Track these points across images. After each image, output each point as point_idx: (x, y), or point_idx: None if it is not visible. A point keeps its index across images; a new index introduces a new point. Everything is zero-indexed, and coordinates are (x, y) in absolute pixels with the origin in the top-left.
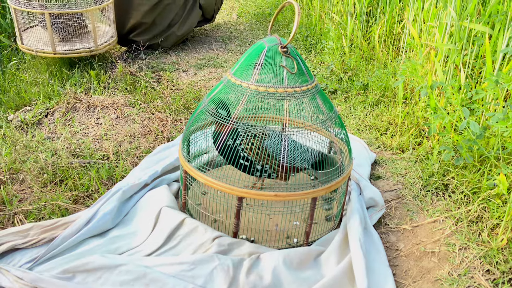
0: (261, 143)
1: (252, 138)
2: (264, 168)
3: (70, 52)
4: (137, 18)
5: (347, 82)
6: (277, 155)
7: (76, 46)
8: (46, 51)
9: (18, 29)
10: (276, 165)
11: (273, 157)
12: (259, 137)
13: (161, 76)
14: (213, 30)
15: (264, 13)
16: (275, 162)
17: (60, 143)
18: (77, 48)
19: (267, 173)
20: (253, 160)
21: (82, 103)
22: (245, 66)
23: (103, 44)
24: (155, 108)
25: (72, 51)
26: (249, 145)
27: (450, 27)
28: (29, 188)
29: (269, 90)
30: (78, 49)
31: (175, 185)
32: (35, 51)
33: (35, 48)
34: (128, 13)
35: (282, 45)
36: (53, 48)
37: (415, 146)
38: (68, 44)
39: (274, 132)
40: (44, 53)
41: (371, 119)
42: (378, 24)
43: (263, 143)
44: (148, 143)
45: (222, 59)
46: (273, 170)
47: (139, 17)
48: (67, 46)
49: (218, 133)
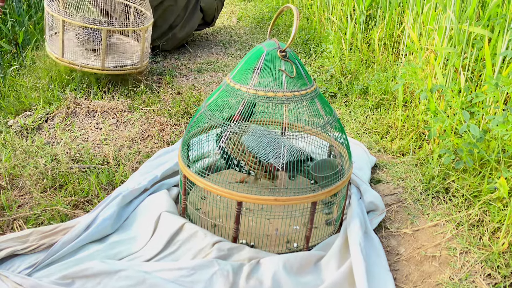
0: (238, 139)
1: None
2: (240, 164)
3: (117, 69)
4: None
5: (347, 86)
6: (255, 151)
7: (121, 62)
8: (94, 67)
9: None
10: (252, 162)
11: (249, 153)
12: (238, 134)
13: (161, 80)
14: (213, 34)
15: (264, 17)
16: (252, 160)
17: (60, 148)
18: (123, 64)
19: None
20: (230, 155)
21: (82, 108)
22: (244, 71)
23: (145, 61)
24: (155, 112)
25: (119, 68)
26: (228, 141)
27: (450, 30)
28: (29, 193)
29: (268, 94)
30: (124, 66)
31: (174, 189)
32: (80, 65)
33: (79, 62)
34: None
35: (281, 49)
36: (103, 65)
37: (415, 149)
38: (113, 61)
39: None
40: (92, 68)
41: (371, 123)
42: (377, 28)
43: (240, 139)
44: (148, 148)
45: (222, 63)
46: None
47: None
48: (113, 63)
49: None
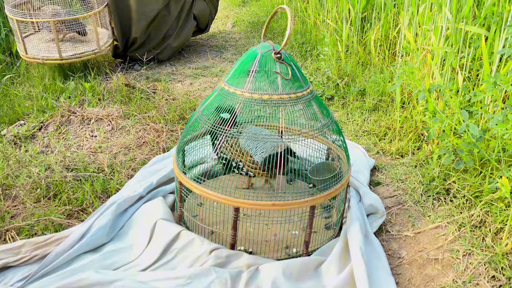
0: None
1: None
2: (238, 165)
3: (75, 57)
4: (137, 33)
5: (343, 88)
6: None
7: (80, 50)
8: (53, 58)
9: (21, 40)
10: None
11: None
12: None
13: (157, 86)
14: (208, 39)
15: (259, 21)
16: (250, 159)
17: (54, 157)
18: (81, 52)
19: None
20: (228, 158)
21: (76, 116)
22: (238, 74)
23: (105, 45)
24: (150, 119)
25: (77, 55)
26: (225, 144)
27: (446, 30)
28: (22, 203)
29: (264, 97)
30: (83, 53)
31: (170, 196)
32: (41, 59)
33: (41, 56)
34: (130, 30)
35: (275, 51)
36: (60, 55)
37: (414, 150)
38: (71, 50)
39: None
40: (51, 60)
41: (369, 125)
42: (373, 29)
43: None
44: (143, 155)
45: (218, 68)
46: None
47: (139, 32)
48: (71, 52)
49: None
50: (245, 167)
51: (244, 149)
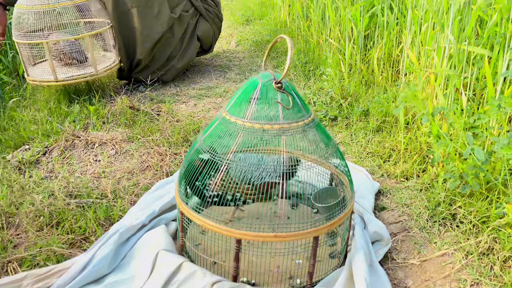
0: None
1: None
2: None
3: (72, 79)
4: (142, 55)
5: (347, 108)
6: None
7: (77, 72)
8: (49, 80)
9: (23, 63)
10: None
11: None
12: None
13: (161, 108)
14: (212, 59)
15: (263, 40)
16: (247, 187)
17: (57, 183)
18: (78, 74)
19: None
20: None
21: (80, 140)
22: (239, 103)
23: (104, 68)
24: (154, 142)
25: (74, 77)
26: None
27: (449, 50)
28: (25, 232)
29: (265, 127)
30: (79, 75)
31: (173, 224)
32: (39, 81)
33: (39, 78)
34: (135, 52)
35: (276, 81)
36: (55, 76)
37: (419, 173)
38: (70, 72)
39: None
40: (48, 81)
41: (373, 146)
42: (376, 48)
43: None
44: (147, 179)
45: (222, 88)
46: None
47: (143, 54)
48: (68, 74)
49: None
50: (243, 197)
51: (238, 178)
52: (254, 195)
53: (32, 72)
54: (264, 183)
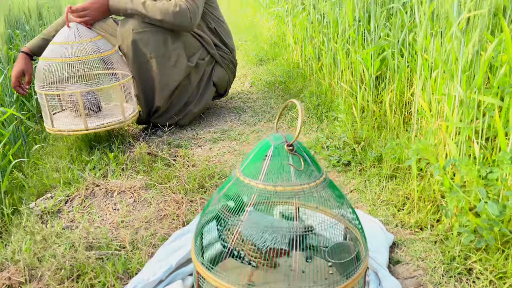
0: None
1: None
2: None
3: (101, 126)
4: (160, 102)
5: (360, 154)
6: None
7: (105, 120)
8: (78, 129)
9: (48, 114)
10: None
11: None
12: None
13: (177, 153)
14: (227, 101)
15: (276, 81)
16: (252, 248)
17: (78, 233)
18: (107, 122)
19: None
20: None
21: (100, 189)
22: (253, 164)
23: (130, 115)
24: (171, 189)
25: (103, 125)
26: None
27: (459, 98)
28: (47, 285)
29: (277, 189)
30: (108, 123)
31: (189, 279)
32: (67, 131)
33: (67, 128)
34: (153, 100)
35: (288, 143)
36: (85, 125)
37: (433, 223)
38: (97, 121)
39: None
40: (77, 131)
41: (387, 194)
42: (387, 91)
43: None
44: (164, 229)
45: (236, 131)
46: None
47: (162, 101)
48: (97, 122)
49: None
50: (247, 257)
51: (246, 237)
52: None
53: (56, 122)
54: (270, 249)
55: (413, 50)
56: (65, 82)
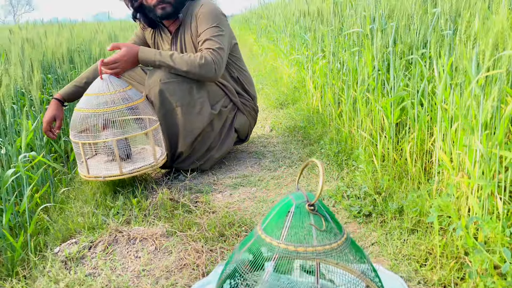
0: None
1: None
2: None
3: (135, 171)
4: (183, 148)
5: (381, 204)
6: None
7: (138, 165)
8: (113, 175)
9: (85, 161)
10: None
11: None
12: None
13: (198, 198)
14: (248, 145)
15: (296, 126)
16: None
17: (100, 281)
18: (140, 166)
19: None
20: None
21: (123, 235)
22: (274, 223)
23: (160, 158)
24: (191, 237)
25: (137, 169)
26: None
27: (480, 153)
28: None
29: (299, 249)
30: (141, 167)
31: None
32: (103, 177)
33: (102, 174)
34: (177, 145)
35: (309, 203)
36: (120, 171)
37: (457, 281)
38: (130, 165)
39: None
40: (112, 177)
41: (408, 248)
42: (408, 138)
43: None
44: (184, 279)
45: (256, 177)
46: None
47: (185, 147)
48: (130, 167)
49: None
50: None
51: None
52: None
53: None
54: None
55: (433, 101)
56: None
